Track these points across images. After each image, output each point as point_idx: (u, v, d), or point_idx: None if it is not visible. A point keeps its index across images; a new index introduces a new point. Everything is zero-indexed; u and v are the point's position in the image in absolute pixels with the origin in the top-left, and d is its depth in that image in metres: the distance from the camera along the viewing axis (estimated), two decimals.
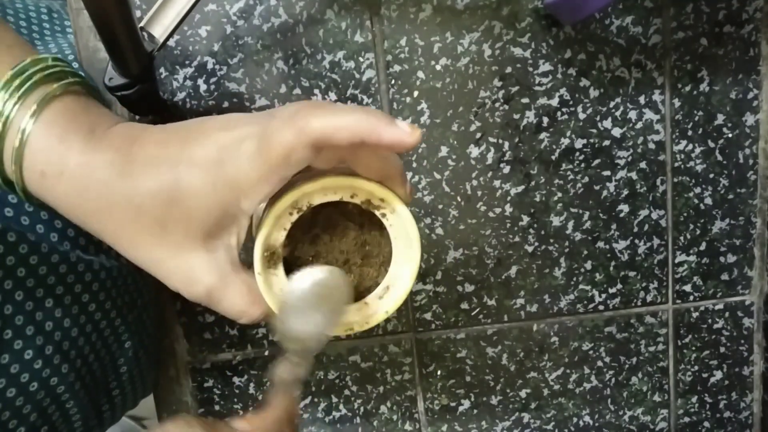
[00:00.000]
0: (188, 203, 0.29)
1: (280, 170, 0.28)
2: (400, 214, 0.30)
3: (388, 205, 0.30)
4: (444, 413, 0.50)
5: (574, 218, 0.46)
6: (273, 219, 0.29)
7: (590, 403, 0.50)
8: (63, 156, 0.29)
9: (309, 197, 0.29)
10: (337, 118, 0.27)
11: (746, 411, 0.51)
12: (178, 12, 0.36)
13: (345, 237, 0.32)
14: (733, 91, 0.44)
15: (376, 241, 0.32)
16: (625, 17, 0.43)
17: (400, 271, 0.31)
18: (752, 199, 0.46)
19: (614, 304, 0.48)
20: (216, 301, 0.31)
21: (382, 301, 0.32)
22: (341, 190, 0.30)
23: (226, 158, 0.29)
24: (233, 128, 0.30)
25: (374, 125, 0.27)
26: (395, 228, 0.31)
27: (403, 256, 0.31)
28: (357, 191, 0.30)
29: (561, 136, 0.44)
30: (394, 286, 0.32)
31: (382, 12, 0.42)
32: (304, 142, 0.27)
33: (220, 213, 0.29)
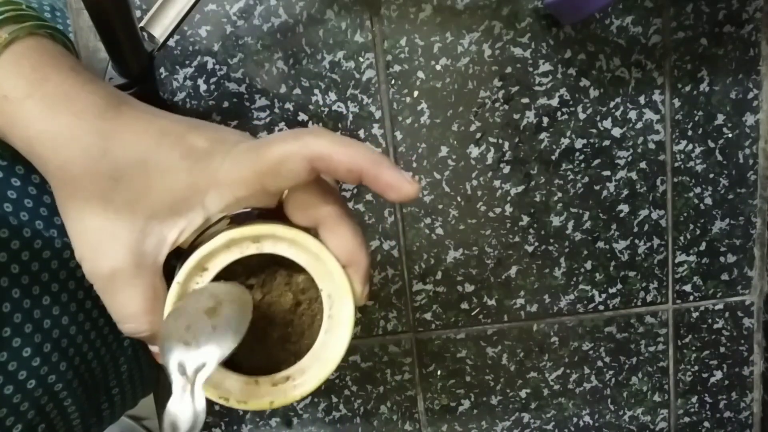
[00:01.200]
0: (155, 172, 0.27)
1: (266, 176, 0.26)
2: (345, 309, 0.27)
3: (338, 295, 0.27)
4: (444, 413, 0.50)
5: (574, 218, 0.46)
6: (227, 239, 0.26)
7: (590, 403, 0.50)
8: (34, 83, 0.27)
9: (275, 242, 0.27)
10: (343, 143, 0.26)
11: (746, 411, 0.51)
12: (178, 12, 0.36)
13: (276, 305, 0.28)
14: (733, 91, 0.44)
15: (301, 329, 0.29)
16: (625, 17, 0.43)
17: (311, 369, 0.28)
18: (752, 199, 0.46)
19: (614, 304, 0.48)
20: (112, 291, 0.27)
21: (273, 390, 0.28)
22: (308, 253, 0.27)
23: (217, 151, 0.27)
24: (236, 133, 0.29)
25: (379, 161, 0.25)
26: (332, 321, 0.28)
27: (323, 355, 0.28)
28: (320, 263, 0.27)
29: (561, 136, 0.44)
30: (295, 380, 0.28)
31: (382, 12, 0.42)
32: (303, 153, 0.25)
33: (181, 197, 0.27)
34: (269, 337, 0.28)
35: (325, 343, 0.28)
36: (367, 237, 0.45)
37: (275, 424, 0.49)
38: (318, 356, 0.28)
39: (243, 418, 0.49)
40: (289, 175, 0.26)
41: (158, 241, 0.27)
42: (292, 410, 0.49)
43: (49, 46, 0.29)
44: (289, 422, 0.49)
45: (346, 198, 0.45)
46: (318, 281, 0.28)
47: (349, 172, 0.25)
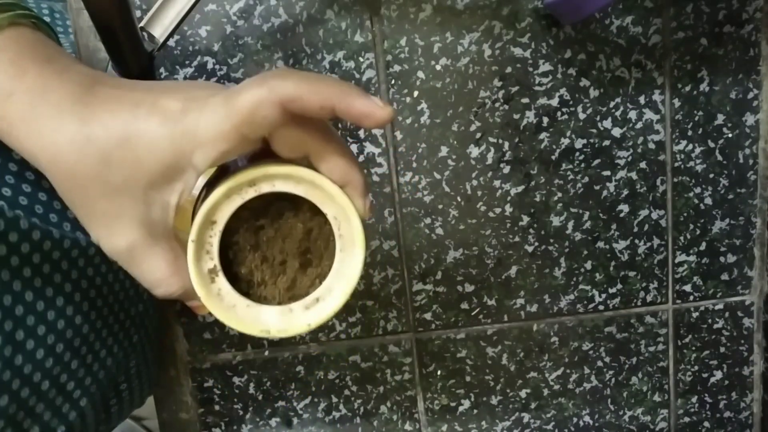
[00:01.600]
0: (140, 146, 0.27)
1: (242, 126, 0.26)
2: (353, 226, 0.29)
3: (343, 214, 0.29)
4: (444, 413, 0.50)
5: (574, 218, 0.46)
6: (225, 189, 0.27)
7: (590, 403, 0.50)
8: (14, 78, 0.27)
9: (271, 180, 0.28)
10: (310, 80, 0.26)
11: (746, 411, 0.51)
12: (178, 12, 0.36)
13: (289, 237, 0.30)
14: (733, 91, 0.44)
15: (319, 252, 0.30)
16: (625, 17, 0.43)
17: (336, 286, 0.30)
18: (752, 199, 0.46)
19: (614, 304, 0.48)
20: (136, 262, 0.29)
21: (307, 312, 0.30)
22: (304, 183, 0.28)
23: (190, 109, 0.27)
24: (207, 87, 0.29)
25: (347, 92, 0.26)
26: (344, 240, 0.29)
27: (343, 272, 0.29)
28: (319, 189, 0.28)
29: (561, 136, 0.44)
30: (324, 300, 0.30)
31: (382, 12, 0.42)
32: (272, 99, 0.25)
33: (170, 163, 0.28)
34: (291, 266, 0.30)
35: (343, 260, 0.29)
36: (367, 237, 0.45)
37: (275, 424, 0.49)
38: (340, 273, 0.29)
39: (243, 418, 0.49)
40: (264, 122, 0.26)
41: (163, 207, 0.29)
42: (292, 410, 0.49)
43: (28, 35, 0.29)
44: (289, 422, 0.49)
45: None
46: (321, 206, 0.29)
47: (322, 108, 0.26)
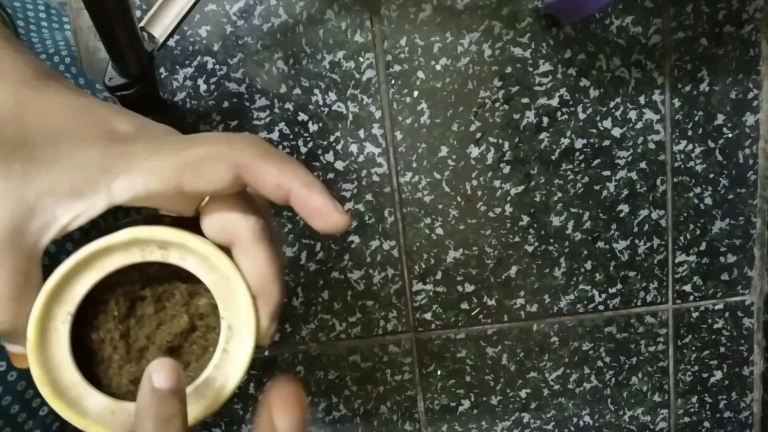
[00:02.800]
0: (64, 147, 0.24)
1: (184, 173, 0.23)
2: (244, 344, 0.24)
3: (240, 325, 0.24)
4: (444, 413, 0.50)
5: (574, 218, 0.46)
6: (131, 237, 0.23)
7: (590, 403, 0.50)
8: None
9: (183, 253, 0.24)
10: (277, 155, 0.24)
11: (746, 411, 0.51)
12: (178, 12, 0.36)
13: (167, 325, 0.25)
14: (733, 91, 0.44)
15: (192, 353, 0.26)
16: (625, 17, 0.43)
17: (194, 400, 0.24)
18: (752, 199, 0.46)
19: (614, 304, 0.48)
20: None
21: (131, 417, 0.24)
22: (216, 274, 0.24)
23: (140, 136, 0.25)
24: (169, 129, 0.26)
25: (311, 183, 0.23)
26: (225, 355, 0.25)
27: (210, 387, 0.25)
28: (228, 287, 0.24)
29: (561, 136, 0.44)
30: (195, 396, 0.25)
31: (382, 12, 0.42)
32: (229, 157, 0.23)
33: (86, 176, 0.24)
34: (146, 360, 0.25)
35: (212, 379, 0.24)
36: (367, 237, 0.45)
37: None
38: (200, 393, 0.24)
39: (243, 418, 0.49)
40: (210, 177, 0.23)
41: (46, 221, 0.24)
42: None
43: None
44: None
45: (346, 198, 0.45)
46: (221, 308, 0.24)
47: (278, 187, 0.23)
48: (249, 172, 0.23)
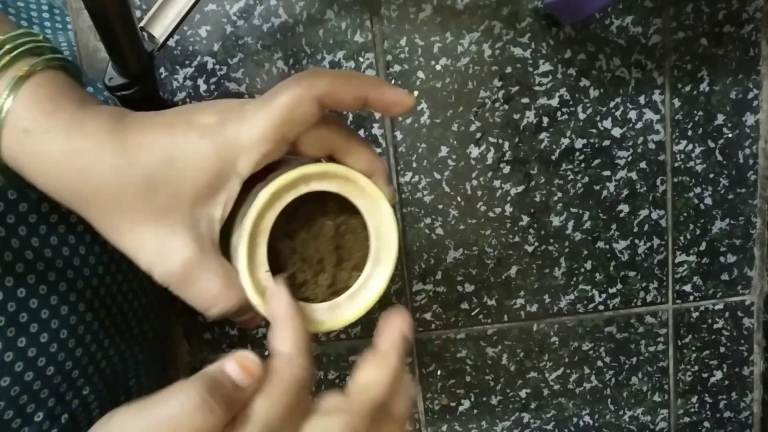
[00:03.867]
0: (183, 162, 0.28)
1: (283, 126, 0.27)
2: (383, 213, 0.30)
3: (373, 203, 0.30)
4: (444, 413, 0.50)
5: (574, 218, 0.46)
6: (268, 196, 0.28)
7: (590, 403, 0.50)
8: (51, 115, 0.27)
9: (307, 181, 0.29)
10: (343, 75, 0.28)
11: (746, 411, 0.51)
12: (178, 12, 0.36)
13: (321, 236, 0.31)
14: (733, 91, 0.44)
15: (350, 245, 0.31)
16: (625, 17, 0.43)
17: (374, 274, 0.31)
18: (752, 199, 0.46)
19: (614, 304, 0.48)
20: (191, 281, 0.29)
21: (353, 303, 0.31)
22: (337, 179, 0.29)
23: (228, 119, 0.28)
24: (232, 101, 0.30)
25: (379, 83, 0.28)
26: (376, 228, 0.30)
27: (379, 259, 0.31)
28: (351, 184, 0.29)
29: (561, 136, 0.44)
30: (366, 288, 0.31)
31: (382, 12, 0.42)
32: (310, 95, 0.27)
33: (215, 173, 0.28)
34: (329, 263, 0.31)
35: (379, 247, 0.31)
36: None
37: None
38: (377, 259, 0.31)
39: None
40: (303, 119, 0.27)
41: (208, 221, 0.29)
42: None
43: (61, 78, 0.29)
44: None
45: None
46: (353, 199, 0.30)
47: (356, 99, 0.28)
48: (329, 98, 0.27)
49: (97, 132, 0.28)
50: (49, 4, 0.48)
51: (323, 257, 0.31)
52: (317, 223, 0.31)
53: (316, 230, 0.31)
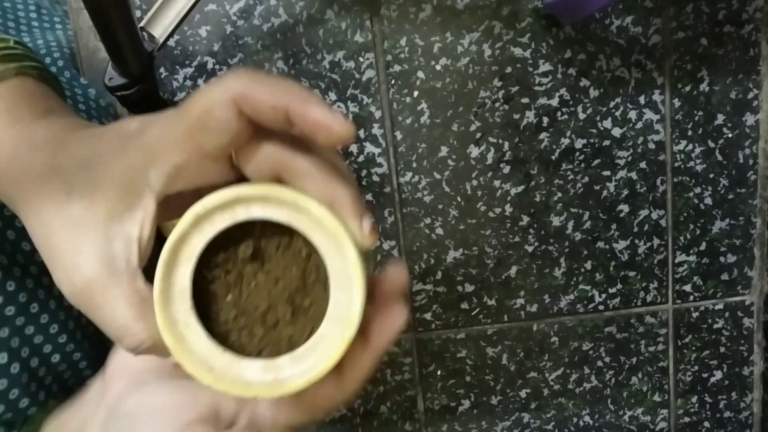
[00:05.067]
0: (97, 169, 0.25)
1: (196, 134, 0.23)
2: (346, 257, 0.23)
3: (333, 242, 0.23)
4: (444, 413, 0.50)
5: (574, 218, 0.46)
6: (193, 217, 0.23)
7: (590, 403, 0.50)
8: (5, 125, 0.27)
9: (246, 204, 0.23)
10: (265, 80, 0.23)
11: (746, 411, 0.51)
12: (178, 12, 0.36)
13: (281, 280, 0.25)
14: (733, 91, 0.44)
15: (315, 296, 0.25)
16: (625, 17, 0.43)
17: (330, 333, 0.24)
18: (752, 199, 0.46)
19: (614, 304, 0.48)
20: (95, 305, 0.25)
21: (297, 367, 0.24)
22: (285, 206, 0.23)
23: (147, 124, 0.26)
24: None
25: (305, 98, 0.23)
26: (337, 275, 0.24)
27: (338, 315, 0.24)
28: (304, 213, 0.23)
29: (561, 136, 0.44)
30: (317, 350, 0.24)
31: (382, 12, 0.42)
32: (224, 98, 0.23)
33: (125, 184, 0.25)
34: (280, 314, 0.25)
35: (338, 300, 0.24)
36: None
37: None
38: (334, 318, 0.24)
39: None
40: (219, 126, 0.23)
41: (125, 241, 0.25)
42: None
43: (31, 86, 0.29)
44: None
45: None
46: (309, 234, 0.24)
47: (274, 110, 0.23)
48: (245, 103, 0.23)
49: (41, 143, 0.27)
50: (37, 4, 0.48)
51: (274, 305, 0.25)
52: (279, 262, 0.25)
53: (275, 272, 0.25)
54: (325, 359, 0.24)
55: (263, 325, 0.25)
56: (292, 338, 0.25)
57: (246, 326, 0.25)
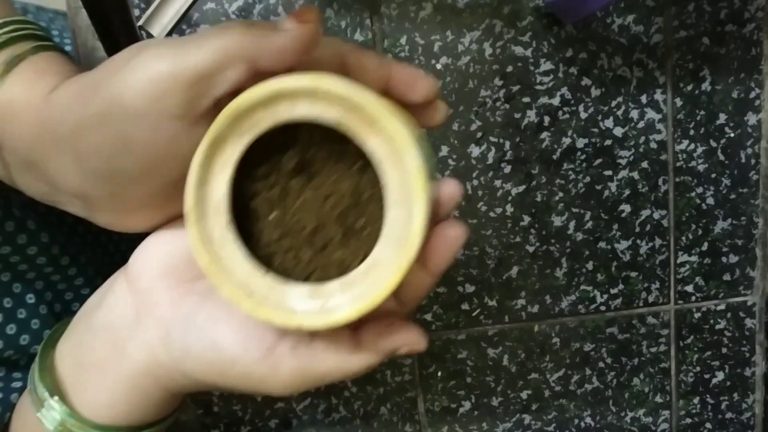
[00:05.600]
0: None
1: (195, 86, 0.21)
2: (407, 164, 0.19)
3: (392, 145, 0.19)
4: (444, 415, 0.49)
5: (575, 218, 0.46)
6: (229, 115, 0.20)
7: (592, 405, 0.50)
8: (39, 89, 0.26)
9: (291, 101, 0.19)
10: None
11: (748, 412, 0.50)
12: (177, 11, 0.36)
13: (331, 196, 0.21)
14: (735, 90, 0.44)
15: (370, 217, 0.21)
16: (626, 16, 0.42)
17: (385, 258, 0.21)
18: (754, 199, 0.46)
19: (616, 304, 0.48)
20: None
21: (345, 295, 0.21)
22: (337, 102, 0.19)
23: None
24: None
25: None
26: (396, 188, 0.20)
27: (394, 236, 0.20)
28: (357, 111, 0.19)
29: (562, 135, 0.44)
30: (369, 277, 0.21)
31: (382, 10, 0.42)
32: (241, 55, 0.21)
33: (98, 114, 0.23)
34: (330, 235, 0.22)
35: (395, 219, 0.20)
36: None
37: (274, 425, 0.49)
38: (390, 239, 0.21)
39: (242, 419, 0.48)
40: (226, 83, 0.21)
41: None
42: (291, 412, 0.48)
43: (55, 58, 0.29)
44: (289, 423, 0.49)
45: None
46: (363, 138, 0.20)
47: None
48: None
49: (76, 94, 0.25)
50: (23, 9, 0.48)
51: (324, 224, 0.22)
52: (329, 176, 0.21)
53: (325, 187, 0.21)
54: (380, 286, 0.20)
55: (310, 248, 0.22)
56: (343, 263, 0.22)
57: (291, 248, 0.22)
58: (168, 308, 0.26)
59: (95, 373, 0.27)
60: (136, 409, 0.28)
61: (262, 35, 0.21)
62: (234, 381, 0.25)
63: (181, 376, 0.26)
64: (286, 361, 0.24)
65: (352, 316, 0.21)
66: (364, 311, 0.21)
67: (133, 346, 0.27)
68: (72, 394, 0.28)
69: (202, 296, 0.26)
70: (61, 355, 0.29)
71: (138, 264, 0.27)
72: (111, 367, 0.27)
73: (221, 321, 0.25)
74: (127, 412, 0.28)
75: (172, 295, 0.26)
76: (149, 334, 0.26)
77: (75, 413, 0.27)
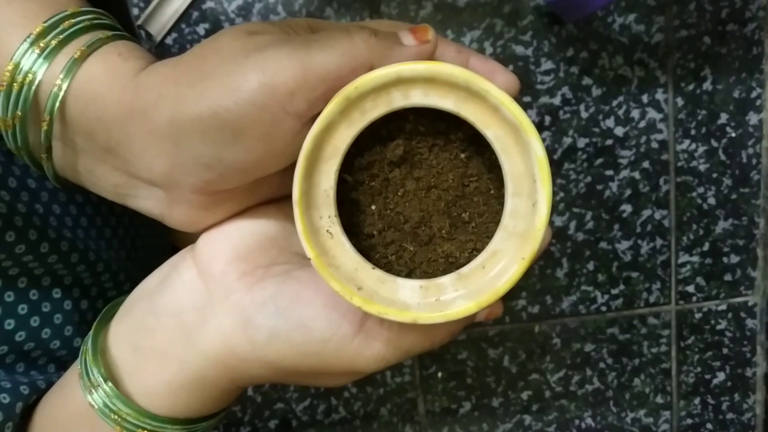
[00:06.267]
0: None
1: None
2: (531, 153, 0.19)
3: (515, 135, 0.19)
4: (445, 415, 0.49)
5: (576, 218, 0.46)
6: (341, 101, 0.19)
7: (592, 405, 0.50)
8: (126, 71, 0.25)
9: (406, 88, 0.19)
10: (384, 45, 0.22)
11: (749, 412, 0.50)
12: (176, 10, 0.36)
13: (436, 188, 0.21)
14: (736, 89, 0.44)
15: (476, 209, 0.21)
16: (627, 15, 0.42)
17: (506, 251, 0.20)
18: (756, 199, 0.46)
19: (617, 305, 0.47)
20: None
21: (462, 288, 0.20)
22: (455, 90, 0.19)
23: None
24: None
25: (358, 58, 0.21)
26: (515, 180, 0.19)
27: (517, 228, 0.20)
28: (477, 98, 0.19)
29: (563, 135, 0.44)
30: (491, 271, 0.20)
31: (382, 9, 0.42)
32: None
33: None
34: (436, 227, 0.21)
35: (517, 209, 0.19)
36: None
37: (274, 426, 0.48)
38: (511, 231, 0.20)
39: (242, 420, 0.48)
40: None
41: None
42: (291, 412, 0.48)
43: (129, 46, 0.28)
44: (288, 424, 0.48)
45: None
46: (482, 127, 0.19)
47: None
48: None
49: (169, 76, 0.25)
50: None
51: (429, 217, 0.21)
52: (434, 167, 0.21)
53: (429, 178, 0.21)
54: (502, 279, 0.20)
55: (415, 240, 0.21)
56: (450, 257, 0.21)
57: (393, 241, 0.21)
58: (246, 294, 0.25)
59: (156, 360, 0.26)
60: (197, 400, 0.26)
61: (389, 47, 0.22)
62: (325, 362, 0.24)
63: (258, 365, 0.25)
64: (377, 334, 0.23)
65: (472, 309, 0.20)
66: (484, 305, 0.20)
67: (205, 333, 0.25)
68: (128, 381, 0.26)
69: (281, 279, 0.25)
70: (117, 336, 0.27)
71: (209, 249, 0.26)
72: (176, 355, 0.26)
73: (307, 302, 0.24)
74: (187, 404, 0.26)
75: (248, 280, 0.25)
76: (225, 321, 0.25)
77: (131, 402, 0.26)
